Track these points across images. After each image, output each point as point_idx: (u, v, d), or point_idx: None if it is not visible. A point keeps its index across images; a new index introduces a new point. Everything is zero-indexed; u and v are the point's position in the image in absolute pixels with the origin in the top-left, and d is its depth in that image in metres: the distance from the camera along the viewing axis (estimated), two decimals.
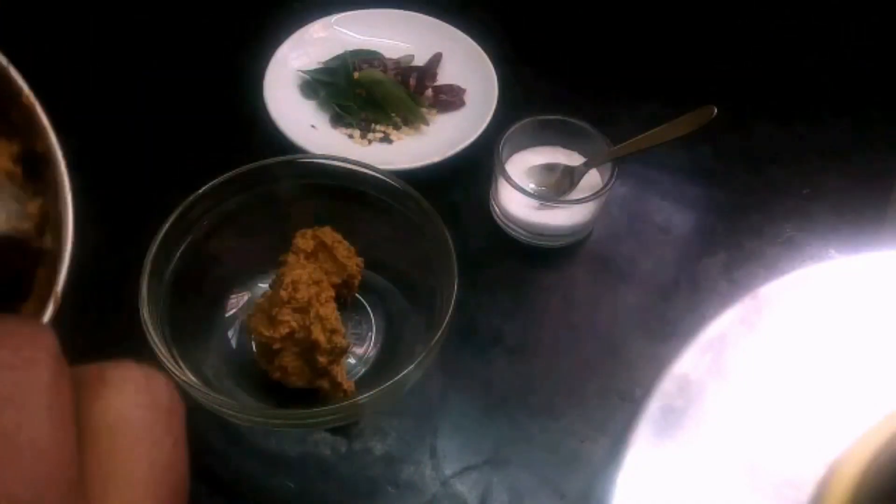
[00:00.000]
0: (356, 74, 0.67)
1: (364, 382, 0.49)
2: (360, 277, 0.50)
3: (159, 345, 0.42)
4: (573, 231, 0.59)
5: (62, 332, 0.18)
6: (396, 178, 0.50)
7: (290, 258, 0.48)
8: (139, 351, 0.42)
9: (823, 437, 0.33)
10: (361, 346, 0.52)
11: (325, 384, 0.46)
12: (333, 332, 0.45)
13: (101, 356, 0.54)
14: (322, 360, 0.44)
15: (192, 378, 0.42)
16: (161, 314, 0.45)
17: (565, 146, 0.62)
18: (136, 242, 0.45)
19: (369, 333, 0.52)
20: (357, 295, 0.53)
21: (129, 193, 0.62)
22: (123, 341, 0.44)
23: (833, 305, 0.38)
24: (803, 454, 0.33)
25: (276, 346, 0.44)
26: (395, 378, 0.42)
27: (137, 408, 0.17)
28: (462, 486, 0.48)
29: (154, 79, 0.71)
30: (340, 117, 0.66)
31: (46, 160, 0.31)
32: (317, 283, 0.46)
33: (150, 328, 0.42)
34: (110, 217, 0.60)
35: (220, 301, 0.52)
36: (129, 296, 0.43)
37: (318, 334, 0.44)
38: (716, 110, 0.54)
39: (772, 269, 0.60)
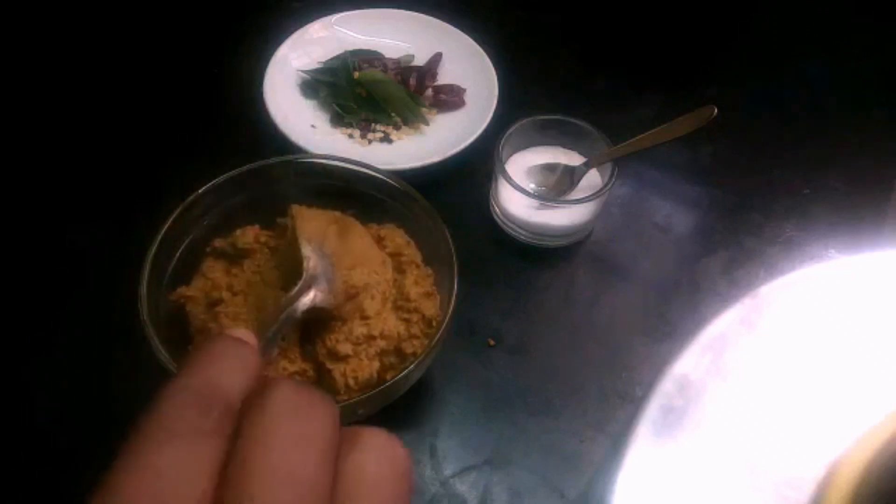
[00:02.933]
0: (356, 74, 0.67)
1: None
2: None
3: (159, 345, 0.42)
4: (573, 231, 0.59)
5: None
6: (396, 178, 0.50)
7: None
8: (139, 351, 0.42)
9: (823, 437, 0.33)
10: None
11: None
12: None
13: (101, 356, 0.54)
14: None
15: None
16: (160, 314, 0.45)
17: (565, 146, 0.62)
18: (136, 242, 0.45)
19: None
20: None
21: (129, 193, 0.62)
22: (123, 341, 0.44)
23: (833, 305, 0.38)
24: (803, 454, 0.33)
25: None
26: (395, 378, 0.42)
27: (381, 468, 0.19)
28: (462, 486, 0.48)
29: (154, 78, 0.71)
30: (340, 117, 0.66)
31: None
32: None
33: (150, 328, 0.42)
34: (110, 216, 0.60)
35: None
36: (129, 296, 0.43)
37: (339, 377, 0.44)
38: (716, 110, 0.54)
39: (772, 269, 0.60)
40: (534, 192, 0.59)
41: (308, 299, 0.40)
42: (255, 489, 0.17)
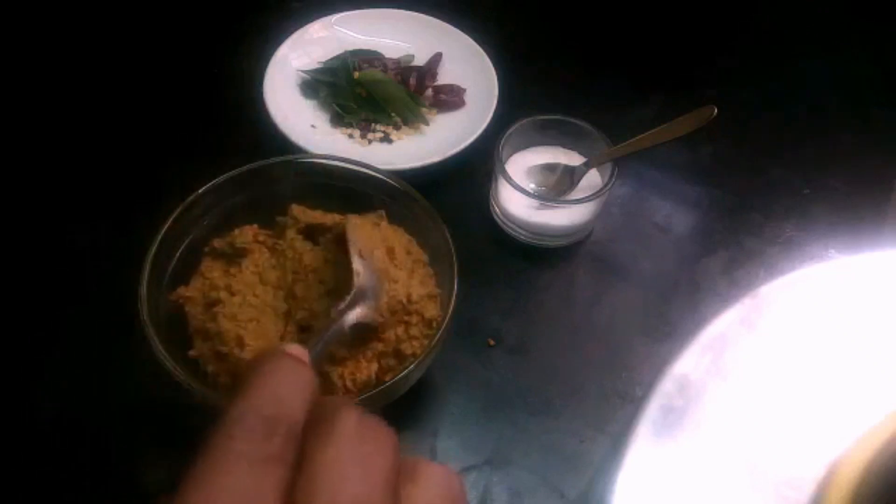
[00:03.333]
0: (356, 74, 0.67)
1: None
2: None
3: (159, 345, 0.42)
4: (573, 231, 0.59)
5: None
6: (396, 178, 0.50)
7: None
8: (139, 351, 0.42)
9: (823, 437, 0.33)
10: None
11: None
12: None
13: (101, 356, 0.54)
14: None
15: (192, 378, 0.42)
16: (160, 314, 0.45)
17: (565, 146, 0.62)
18: (136, 242, 0.45)
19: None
20: None
21: (129, 193, 0.62)
22: (123, 341, 0.44)
23: (833, 305, 0.38)
24: (803, 454, 0.33)
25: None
26: (395, 378, 0.42)
27: (440, 500, 0.20)
28: None
29: (154, 78, 0.71)
30: (340, 117, 0.66)
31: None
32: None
33: (150, 328, 0.42)
34: (110, 216, 0.60)
35: None
36: (129, 296, 0.43)
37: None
38: (716, 110, 0.54)
39: (772, 269, 0.60)
40: (534, 192, 0.59)
41: (355, 315, 0.40)
42: None
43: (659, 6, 0.80)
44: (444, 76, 0.70)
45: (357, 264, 0.42)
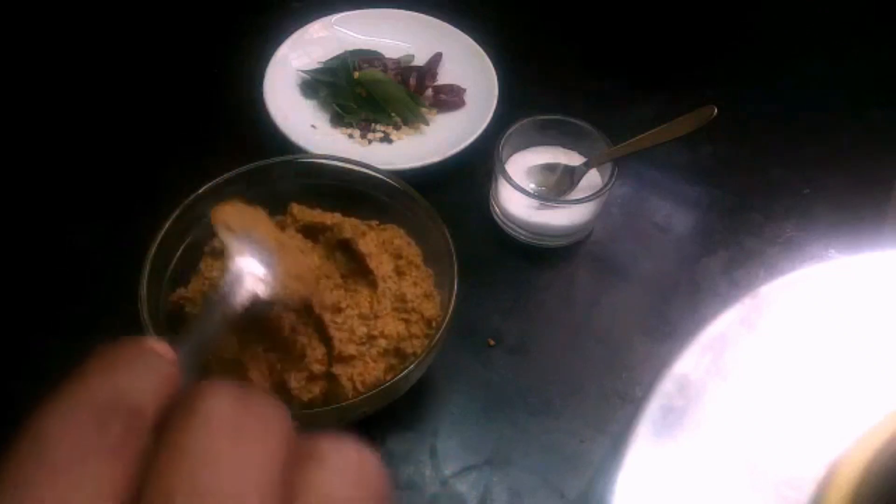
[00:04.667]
0: (356, 74, 0.67)
1: None
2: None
3: None
4: (573, 231, 0.59)
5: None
6: (396, 178, 0.50)
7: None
8: None
9: (823, 437, 0.33)
10: None
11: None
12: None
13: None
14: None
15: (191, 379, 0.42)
16: (161, 315, 0.45)
17: (565, 146, 0.62)
18: (136, 242, 0.45)
19: None
20: None
21: (129, 193, 0.62)
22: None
23: (833, 305, 0.38)
24: (803, 454, 0.33)
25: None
26: (395, 377, 0.42)
27: (351, 489, 0.16)
28: (462, 486, 0.48)
29: (154, 78, 0.71)
30: (340, 117, 0.66)
31: None
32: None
33: (150, 328, 0.42)
34: (110, 216, 0.60)
35: None
36: (129, 296, 0.43)
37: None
38: (716, 110, 0.54)
39: (772, 269, 0.60)
40: (534, 192, 0.59)
41: (245, 293, 0.35)
42: None
43: (659, 6, 0.80)
44: (444, 76, 0.70)
45: (226, 238, 0.37)
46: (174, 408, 0.15)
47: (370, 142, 0.66)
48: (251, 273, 0.36)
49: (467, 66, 0.69)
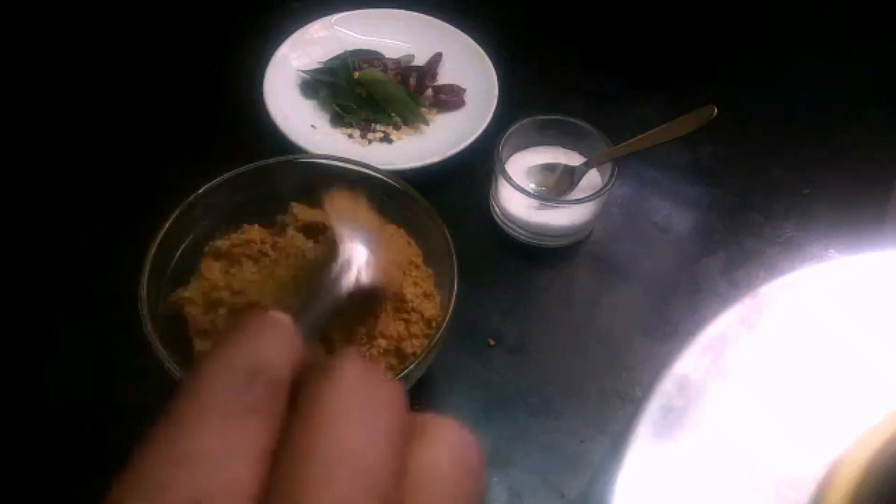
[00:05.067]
0: (356, 74, 0.67)
1: None
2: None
3: (159, 345, 0.42)
4: (573, 231, 0.59)
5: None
6: (396, 178, 0.50)
7: None
8: (139, 351, 0.42)
9: (823, 437, 0.33)
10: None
11: None
12: None
13: (101, 356, 0.54)
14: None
15: None
16: (161, 315, 0.45)
17: (565, 146, 0.62)
18: (136, 242, 0.45)
19: None
20: None
21: (129, 193, 0.62)
22: (123, 341, 0.44)
23: (833, 305, 0.38)
24: (803, 454, 0.33)
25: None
26: (396, 377, 0.42)
27: (452, 464, 0.17)
28: None
29: (154, 78, 0.71)
30: (340, 117, 0.66)
31: None
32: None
33: (150, 328, 0.42)
34: (110, 216, 0.60)
35: None
36: (129, 296, 0.43)
37: None
38: (716, 110, 0.54)
39: (772, 269, 0.60)
40: (534, 192, 0.59)
41: (352, 278, 0.36)
42: (312, 479, 0.14)
43: (659, 6, 0.80)
44: (444, 76, 0.70)
45: (339, 227, 0.39)
46: (307, 375, 0.17)
47: (370, 142, 0.66)
48: (358, 259, 0.37)
49: (467, 66, 0.69)
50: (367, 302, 0.42)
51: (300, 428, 0.15)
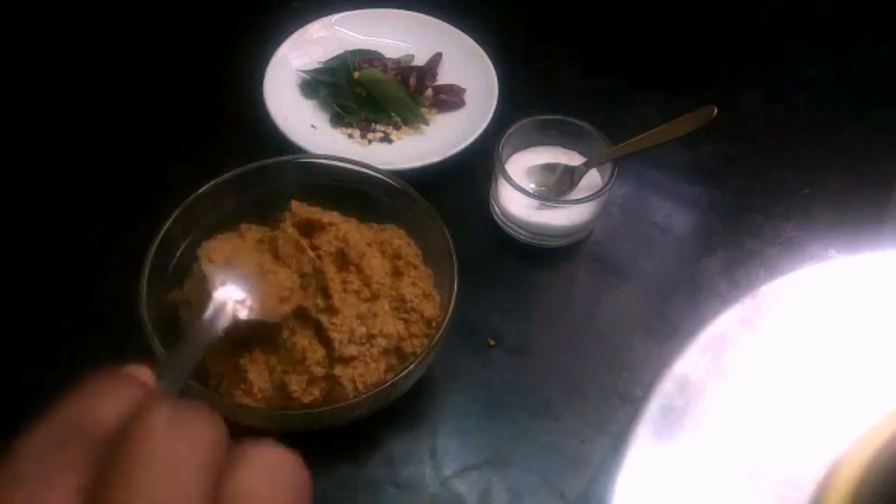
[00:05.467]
0: (356, 74, 0.67)
1: None
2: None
3: (159, 345, 0.42)
4: (573, 231, 0.59)
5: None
6: (396, 178, 0.50)
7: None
8: (139, 351, 0.42)
9: (823, 437, 0.33)
10: None
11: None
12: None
13: (101, 356, 0.54)
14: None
15: (191, 378, 0.42)
16: (160, 315, 0.45)
17: (565, 146, 0.62)
18: (136, 242, 0.45)
19: None
20: None
21: (130, 193, 0.62)
22: (123, 342, 0.44)
23: (833, 305, 0.38)
24: (803, 454, 0.33)
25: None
26: (395, 377, 0.42)
27: (267, 482, 0.18)
28: (462, 486, 0.48)
29: (154, 78, 0.71)
30: (340, 117, 0.66)
31: None
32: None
33: (150, 328, 0.42)
34: (111, 216, 0.60)
35: None
36: (129, 296, 0.43)
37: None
38: (716, 110, 0.54)
39: (772, 269, 0.60)
40: (534, 192, 0.59)
41: (226, 318, 0.39)
42: None
43: (659, 6, 0.80)
44: (444, 76, 0.70)
45: (207, 270, 0.42)
46: (127, 423, 0.17)
47: (370, 142, 0.66)
48: (232, 299, 0.40)
49: (467, 66, 0.69)
50: (257, 332, 0.44)
51: (103, 478, 0.16)
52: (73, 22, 0.75)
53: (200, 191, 0.48)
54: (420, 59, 0.71)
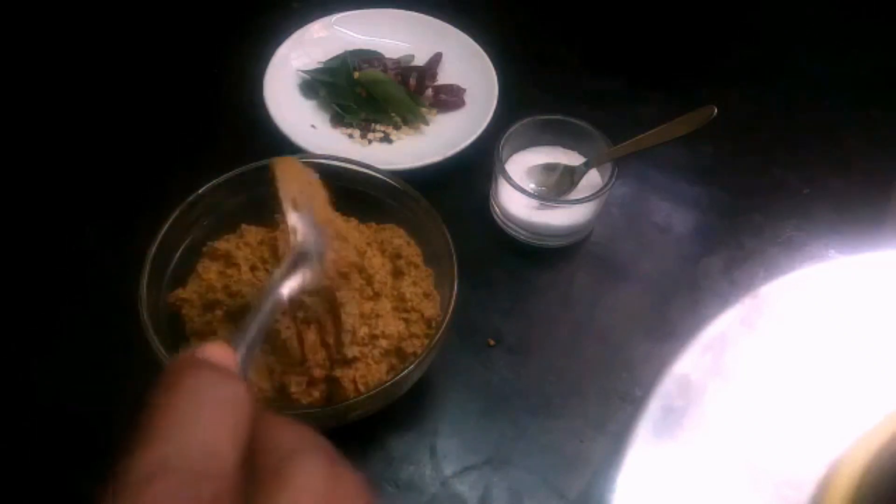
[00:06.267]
0: (356, 74, 0.67)
1: None
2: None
3: (159, 346, 0.42)
4: (573, 231, 0.59)
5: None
6: (396, 178, 0.50)
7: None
8: (139, 351, 0.42)
9: (823, 437, 0.33)
10: None
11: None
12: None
13: (101, 356, 0.54)
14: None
15: None
16: (160, 315, 0.45)
17: (565, 146, 0.62)
18: (136, 242, 0.45)
19: None
20: None
21: (130, 193, 0.62)
22: (123, 341, 0.44)
23: (833, 305, 0.38)
24: (803, 454, 0.33)
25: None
26: (395, 378, 0.42)
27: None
28: (462, 486, 0.48)
29: (154, 79, 0.71)
30: (340, 117, 0.66)
31: None
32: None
33: (150, 329, 0.42)
34: (111, 217, 0.60)
35: None
36: (129, 296, 0.43)
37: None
38: (716, 110, 0.54)
39: (772, 269, 0.60)
40: (534, 192, 0.59)
41: (296, 281, 0.33)
42: None
43: (659, 6, 0.80)
44: (444, 76, 0.70)
45: (293, 219, 0.36)
46: (266, 469, 0.16)
47: (370, 142, 0.66)
48: (305, 264, 0.35)
49: (467, 66, 0.69)
50: (323, 296, 0.40)
51: None
52: (74, 22, 0.75)
53: (200, 191, 0.48)
54: (420, 59, 0.71)
